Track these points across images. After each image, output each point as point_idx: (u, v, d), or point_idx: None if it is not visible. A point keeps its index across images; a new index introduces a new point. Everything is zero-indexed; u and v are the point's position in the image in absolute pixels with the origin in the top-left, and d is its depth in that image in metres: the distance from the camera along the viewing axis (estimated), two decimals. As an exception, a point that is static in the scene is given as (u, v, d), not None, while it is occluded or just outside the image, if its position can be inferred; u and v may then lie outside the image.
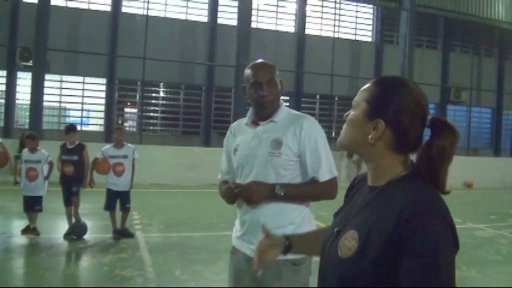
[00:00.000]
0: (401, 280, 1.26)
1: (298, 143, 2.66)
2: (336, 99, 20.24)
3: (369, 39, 21.29)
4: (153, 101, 18.13)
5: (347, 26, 20.75)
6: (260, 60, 2.83)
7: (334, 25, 19.44)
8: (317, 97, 19.81)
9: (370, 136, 1.45)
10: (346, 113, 1.58)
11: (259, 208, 2.65)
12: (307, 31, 19.73)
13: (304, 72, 18.77)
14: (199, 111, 18.42)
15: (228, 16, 18.55)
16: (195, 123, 18.49)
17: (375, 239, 1.34)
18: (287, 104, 14.90)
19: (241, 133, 2.85)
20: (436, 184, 1.41)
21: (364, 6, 20.75)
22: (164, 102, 18.30)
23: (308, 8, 19.84)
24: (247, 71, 2.75)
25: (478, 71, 22.39)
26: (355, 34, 20.99)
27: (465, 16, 20.15)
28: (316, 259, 1.78)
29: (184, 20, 18.04)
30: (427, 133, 1.46)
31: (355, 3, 20.22)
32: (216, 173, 12.30)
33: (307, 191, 2.72)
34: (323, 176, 2.67)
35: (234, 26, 17.62)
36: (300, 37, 19.47)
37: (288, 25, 19.73)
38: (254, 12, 17.18)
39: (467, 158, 19.08)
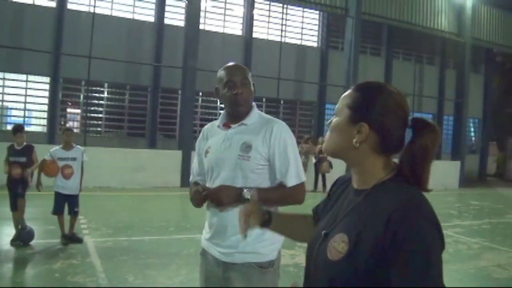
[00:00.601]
0: (392, 280, 1.30)
1: (268, 147, 2.68)
2: (282, 102, 20.52)
3: (315, 44, 21.66)
4: (98, 102, 17.76)
5: (294, 31, 21.05)
6: (233, 63, 2.89)
7: (281, 30, 19.63)
8: (264, 100, 19.97)
9: (354, 140, 1.50)
10: (329, 121, 1.64)
11: (227, 211, 2.66)
12: (254, 35, 19.90)
13: (252, 75, 18.71)
14: (145, 113, 18.23)
15: (175, 17, 18.49)
16: (140, 125, 18.29)
17: (365, 242, 1.38)
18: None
19: (213, 135, 2.88)
20: (418, 183, 1.47)
21: (311, 12, 21.05)
22: (109, 102, 17.95)
23: (255, 11, 20.00)
24: (221, 72, 2.78)
25: (420, 78, 23.19)
26: (301, 39, 21.31)
27: (408, 25, 20.74)
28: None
29: (130, 19, 17.82)
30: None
31: (301, 9, 20.46)
32: (162, 175, 12.32)
33: (275, 196, 2.71)
34: (291, 181, 2.69)
35: (181, 27, 17.61)
36: (248, 40, 19.61)
37: (235, 28, 19.82)
38: (201, 14, 17.10)
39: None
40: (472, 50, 22.14)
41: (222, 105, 12.94)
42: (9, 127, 8.39)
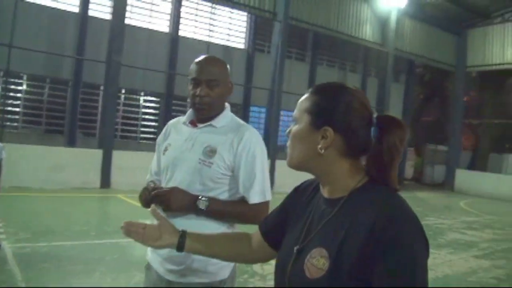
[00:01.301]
0: (377, 285, 1.25)
1: (234, 155, 2.42)
2: None
3: (242, 46, 21.70)
4: (15, 95, 16.78)
5: (221, 32, 20.99)
6: (208, 56, 2.59)
7: (209, 30, 19.55)
8: (188, 100, 19.48)
9: (319, 146, 1.43)
10: (287, 130, 1.55)
11: (175, 219, 2.31)
12: (181, 33, 19.61)
13: (176, 73, 18.54)
14: (64, 109, 17.47)
15: (100, 9, 17.89)
16: (59, 121, 17.51)
17: (348, 253, 1.30)
18: (158, 105, 14.39)
19: (177, 132, 2.63)
20: (387, 182, 1.42)
21: (238, 14, 21.03)
22: (27, 96, 16.98)
23: (183, 9, 19.75)
24: (191, 65, 2.51)
25: (343, 85, 23.81)
26: (228, 40, 21.29)
27: (334, 33, 21.34)
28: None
29: (53, 8, 16.90)
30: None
31: (229, 10, 20.43)
32: (81, 175, 11.97)
33: (233, 211, 2.44)
34: (253, 198, 2.41)
35: (106, 20, 17.08)
36: (174, 38, 19.32)
37: (162, 25, 19.48)
38: (128, 7, 16.70)
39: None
40: (394, 60, 23.13)
41: (146, 104, 12.66)
42: None
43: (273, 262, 1.67)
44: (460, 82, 26.99)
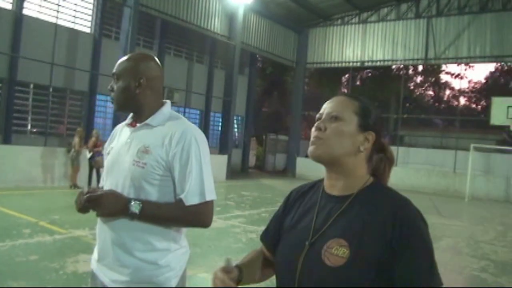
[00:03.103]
0: (399, 277, 1.41)
1: (166, 152, 2.27)
2: (51, 90, 18.79)
3: (88, 30, 21.14)
4: None
5: (67, 13, 20.15)
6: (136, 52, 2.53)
7: (56, 10, 18.80)
8: (31, 86, 18.60)
9: (363, 147, 1.61)
10: (320, 124, 1.63)
11: (113, 225, 2.29)
12: (25, 11, 18.35)
13: (20, 56, 17.35)
14: None
15: None
16: None
17: (369, 243, 1.44)
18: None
19: (120, 135, 2.54)
20: (384, 182, 1.68)
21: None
22: None
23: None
24: None
25: (189, 75, 24.63)
26: (74, 23, 20.58)
27: (182, 22, 21.86)
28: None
29: None
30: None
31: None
32: None
33: (171, 214, 2.28)
34: (190, 199, 2.25)
35: None
36: (18, 16, 17.98)
37: (4, 0, 17.98)
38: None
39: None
40: (240, 53, 24.29)
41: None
42: None
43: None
44: (300, 77, 29.39)
